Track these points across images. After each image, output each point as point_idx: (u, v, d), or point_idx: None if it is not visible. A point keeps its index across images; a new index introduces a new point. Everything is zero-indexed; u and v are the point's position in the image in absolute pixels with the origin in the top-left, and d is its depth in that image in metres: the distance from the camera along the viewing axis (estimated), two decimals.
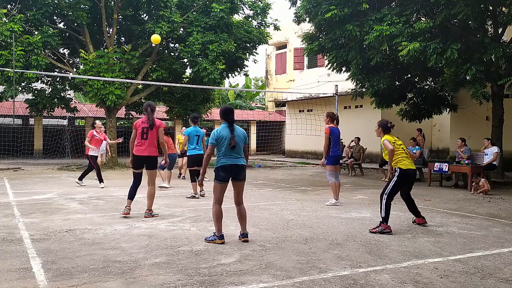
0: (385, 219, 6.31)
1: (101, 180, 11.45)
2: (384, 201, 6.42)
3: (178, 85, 18.78)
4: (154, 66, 19.23)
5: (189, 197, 9.48)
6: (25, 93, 18.76)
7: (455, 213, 7.95)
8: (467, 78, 12.37)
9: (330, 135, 8.58)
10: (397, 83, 15.25)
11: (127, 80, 16.85)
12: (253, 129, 30.27)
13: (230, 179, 5.60)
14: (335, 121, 8.83)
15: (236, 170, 5.54)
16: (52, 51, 18.25)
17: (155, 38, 13.26)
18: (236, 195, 5.70)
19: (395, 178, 6.48)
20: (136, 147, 7.21)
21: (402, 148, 6.60)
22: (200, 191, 9.69)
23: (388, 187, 6.48)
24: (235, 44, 18.15)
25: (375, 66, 13.55)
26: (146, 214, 7.23)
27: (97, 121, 12.59)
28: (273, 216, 7.44)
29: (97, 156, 11.79)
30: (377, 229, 6.25)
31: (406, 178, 6.52)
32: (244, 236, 5.65)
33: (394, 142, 6.56)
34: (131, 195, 7.32)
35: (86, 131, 25.48)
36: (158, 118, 7.59)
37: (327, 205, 8.63)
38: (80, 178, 11.73)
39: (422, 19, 12.53)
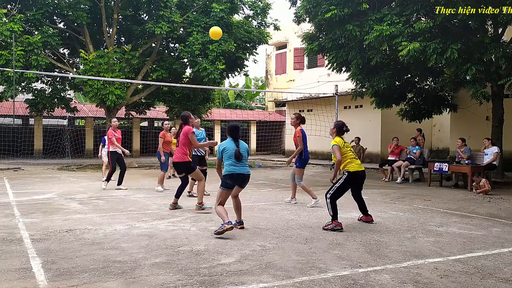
0: (335, 216, 6.42)
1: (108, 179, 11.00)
2: (328, 200, 6.53)
3: (178, 85, 18.78)
4: (154, 66, 19.25)
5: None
6: (25, 93, 18.77)
7: (455, 213, 7.95)
8: (467, 78, 12.37)
9: (303, 138, 8.65)
10: (397, 83, 15.24)
11: (127, 80, 16.85)
12: (253, 129, 30.26)
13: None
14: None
15: (243, 179, 6.24)
16: (52, 51, 18.27)
17: (215, 32, 10.50)
18: (234, 191, 6.35)
19: (341, 181, 6.60)
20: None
21: (350, 150, 6.79)
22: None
23: (333, 188, 6.60)
24: (235, 44, 18.16)
25: (375, 66, 13.54)
26: (196, 207, 7.81)
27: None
28: (273, 216, 7.44)
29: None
30: (328, 226, 6.38)
31: (354, 180, 6.68)
32: (240, 223, 6.36)
33: (344, 145, 6.73)
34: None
35: (86, 131, 25.59)
36: (157, 119, 7.81)
37: (308, 207, 8.48)
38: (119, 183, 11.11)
39: (422, 19, 12.53)
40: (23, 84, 17.68)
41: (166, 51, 20.33)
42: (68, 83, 19.87)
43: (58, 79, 19.66)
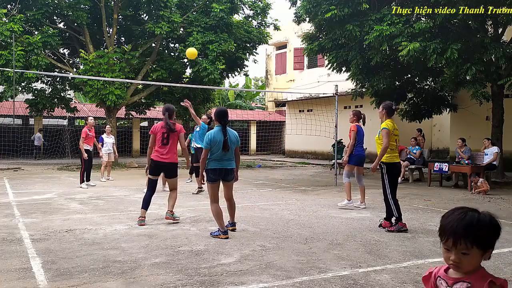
0: (399, 217, 6.31)
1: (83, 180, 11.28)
2: (391, 201, 6.37)
3: (178, 85, 18.78)
4: (154, 66, 19.25)
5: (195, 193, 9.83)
6: (25, 93, 18.78)
7: None
8: (467, 78, 12.36)
9: (357, 134, 8.30)
10: (397, 83, 15.24)
11: (127, 80, 16.85)
12: (253, 129, 30.27)
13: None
14: (361, 120, 8.58)
15: (226, 172, 5.89)
16: (52, 51, 18.28)
17: (191, 53, 11.32)
18: (225, 192, 6.05)
19: (385, 176, 6.43)
20: (156, 153, 6.72)
21: (396, 139, 6.53)
22: (200, 187, 10.08)
23: (386, 187, 6.44)
24: (235, 44, 18.17)
25: (375, 66, 13.54)
26: (167, 215, 6.74)
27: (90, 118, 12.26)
28: (273, 216, 7.44)
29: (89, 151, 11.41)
30: (394, 227, 6.26)
31: (393, 170, 6.43)
32: (232, 225, 6.12)
33: (393, 131, 6.48)
34: (146, 205, 6.70)
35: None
36: (157, 119, 7.62)
37: (339, 206, 8.37)
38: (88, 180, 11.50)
39: (422, 19, 12.53)
40: (23, 84, 17.69)
41: (166, 51, 20.34)
42: (68, 83, 19.88)
43: (58, 79, 19.66)
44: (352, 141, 8.28)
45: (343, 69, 15.18)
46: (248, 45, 19.58)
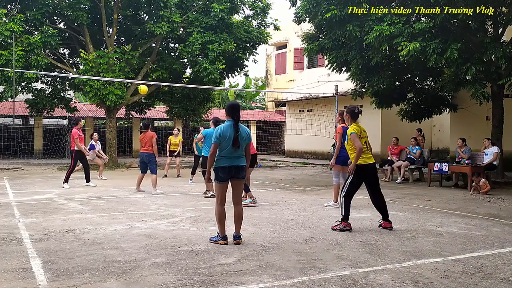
0: (346, 217, 6.31)
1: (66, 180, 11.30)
2: (342, 199, 6.39)
3: (178, 85, 18.78)
4: (154, 66, 19.24)
5: (209, 196, 9.48)
6: (25, 93, 18.76)
7: (455, 213, 7.95)
8: (467, 78, 12.36)
9: (342, 136, 8.28)
10: (397, 83, 15.23)
11: (127, 80, 16.84)
12: (253, 129, 30.25)
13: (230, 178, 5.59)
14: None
15: (236, 170, 5.51)
16: (52, 51, 18.26)
17: (143, 89, 14.21)
18: (234, 194, 5.66)
19: (350, 176, 6.39)
20: None
21: (365, 141, 6.48)
22: (208, 191, 9.65)
23: (346, 185, 6.43)
24: (235, 44, 18.15)
25: (375, 66, 13.53)
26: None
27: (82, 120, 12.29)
28: (273, 216, 7.44)
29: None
30: (338, 226, 6.30)
31: (364, 174, 6.37)
32: (236, 238, 5.52)
33: (361, 133, 6.43)
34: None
35: (86, 131, 25.58)
36: (157, 119, 7.64)
37: (325, 206, 8.55)
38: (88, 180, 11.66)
39: (422, 19, 12.52)
40: (23, 84, 17.66)
41: (166, 51, 20.31)
42: (68, 83, 19.86)
43: (58, 79, 19.65)
44: (339, 144, 8.29)
45: (343, 69, 15.17)
46: (248, 45, 19.55)
